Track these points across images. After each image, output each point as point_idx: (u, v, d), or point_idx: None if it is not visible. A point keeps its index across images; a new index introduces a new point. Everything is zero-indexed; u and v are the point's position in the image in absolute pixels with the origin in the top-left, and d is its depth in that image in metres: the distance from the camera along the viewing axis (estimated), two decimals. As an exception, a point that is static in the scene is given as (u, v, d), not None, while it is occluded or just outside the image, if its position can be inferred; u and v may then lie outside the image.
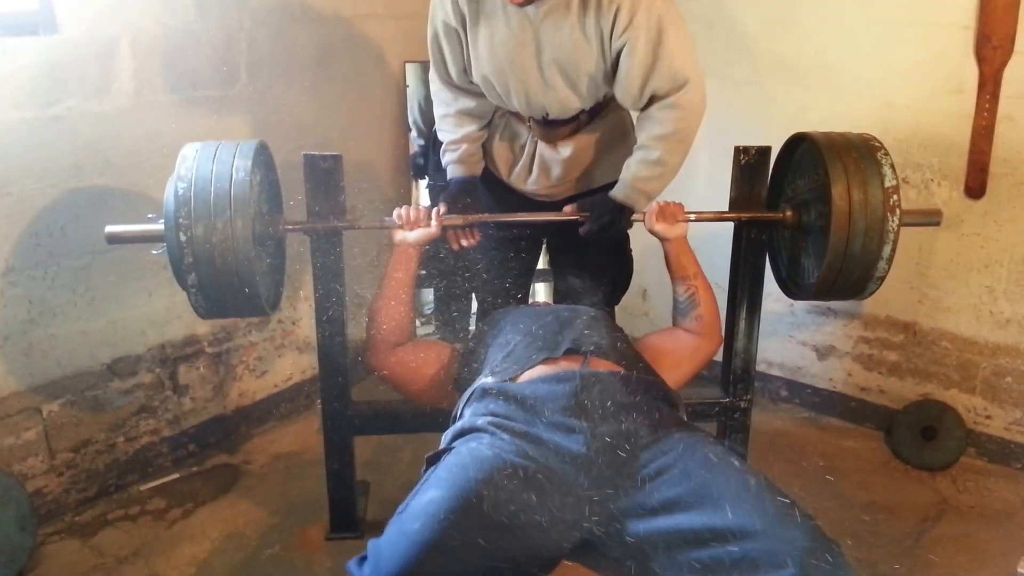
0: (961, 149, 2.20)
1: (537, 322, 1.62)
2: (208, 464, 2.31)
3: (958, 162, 2.22)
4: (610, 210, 1.84)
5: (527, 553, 1.20)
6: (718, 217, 1.92)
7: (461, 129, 1.93)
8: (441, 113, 1.96)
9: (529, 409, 1.36)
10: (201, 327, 2.30)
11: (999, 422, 2.32)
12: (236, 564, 1.90)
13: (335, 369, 1.88)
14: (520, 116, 1.91)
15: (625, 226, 1.88)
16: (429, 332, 3.02)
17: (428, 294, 3.09)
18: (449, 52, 1.83)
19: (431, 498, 1.18)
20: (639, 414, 1.36)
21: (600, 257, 2.10)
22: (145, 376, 2.19)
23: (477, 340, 1.74)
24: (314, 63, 2.45)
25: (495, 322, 1.74)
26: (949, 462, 2.31)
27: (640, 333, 1.94)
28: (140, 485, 2.19)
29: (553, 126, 1.89)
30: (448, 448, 1.35)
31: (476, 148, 1.97)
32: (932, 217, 1.89)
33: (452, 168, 1.97)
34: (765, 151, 1.89)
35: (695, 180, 2.28)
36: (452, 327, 2.87)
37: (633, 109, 1.86)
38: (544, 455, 1.29)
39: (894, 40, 2.24)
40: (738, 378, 2.00)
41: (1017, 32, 2.07)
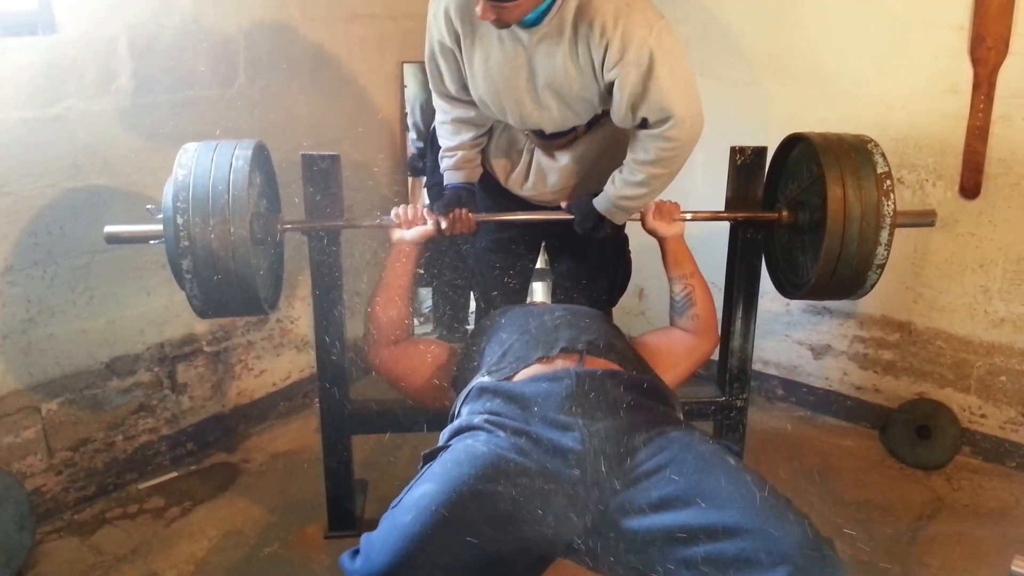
0: (956, 149, 2.21)
1: (534, 321, 1.63)
2: (206, 463, 2.32)
3: (953, 162, 2.23)
4: (591, 216, 1.87)
5: (520, 548, 1.21)
6: (714, 217, 1.92)
7: (458, 136, 1.93)
8: (439, 120, 1.96)
9: (525, 407, 1.37)
10: (199, 326, 2.30)
11: (993, 421, 2.33)
12: (234, 562, 1.91)
13: (333, 368, 1.88)
14: None
15: (608, 229, 1.89)
16: (427, 331, 3.03)
17: (427, 294, 3.10)
18: (446, 69, 1.83)
19: (424, 492, 1.19)
20: (635, 412, 1.37)
21: (598, 258, 2.11)
22: (144, 375, 2.20)
23: (474, 339, 1.75)
24: (312, 63, 2.45)
25: (493, 321, 1.75)
26: (944, 461, 2.32)
27: (637, 332, 1.95)
28: (139, 484, 2.20)
29: (550, 137, 1.89)
30: (445, 446, 1.36)
31: (474, 154, 1.97)
32: (927, 218, 1.90)
33: (449, 174, 1.97)
34: (761, 151, 1.90)
35: (692, 180, 2.29)
36: (450, 326, 2.88)
37: (626, 127, 1.85)
38: (540, 452, 1.29)
39: (889, 41, 2.25)
40: (734, 377, 2.01)
41: (1012, 33, 2.07)
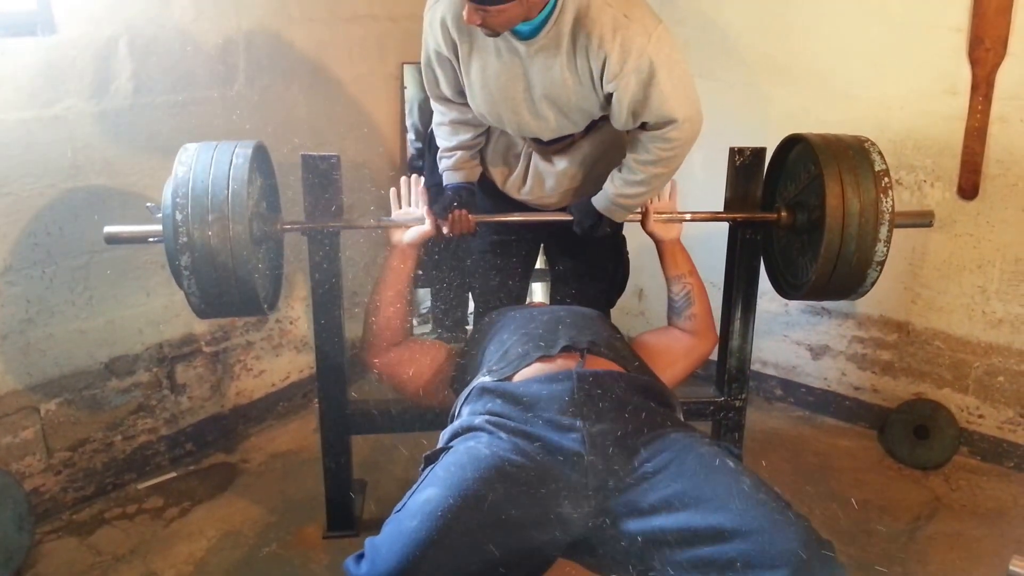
0: (954, 150, 2.22)
1: (534, 321, 1.63)
2: (205, 463, 2.32)
3: (951, 163, 2.24)
4: (590, 215, 1.88)
5: (524, 551, 1.21)
6: (713, 217, 1.93)
7: (456, 136, 1.93)
8: (436, 121, 1.96)
9: (526, 407, 1.37)
10: (199, 326, 2.30)
11: (991, 421, 2.33)
12: (233, 562, 1.91)
13: (332, 368, 1.88)
14: None
15: (607, 228, 1.90)
16: (425, 331, 3.03)
17: (426, 294, 3.10)
18: (443, 76, 1.83)
19: (428, 497, 1.19)
20: (635, 413, 1.37)
21: (597, 258, 2.11)
22: (143, 375, 2.20)
23: (474, 339, 1.75)
24: (312, 64, 2.45)
25: (492, 322, 1.75)
26: (942, 461, 2.32)
27: (636, 333, 1.96)
28: (137, 484, 2.20)
29: (548, 143, 1.89)
30: (446, 447, 1.36)
31: (472, 154, 1.97)
32: (925, 218, 1.90)
33: (448, 175, 1.97)
34: (760, 152, 1.90)
35: (691, 181, 2.29)
36: (449, 327, 2.88)
37: (624, 130, 1.85)
38: (541, 453, 1.30)
39: (888, 42, 2.26)
40: (733, 377, 2.01)
41: (1010, 34, 2.08)
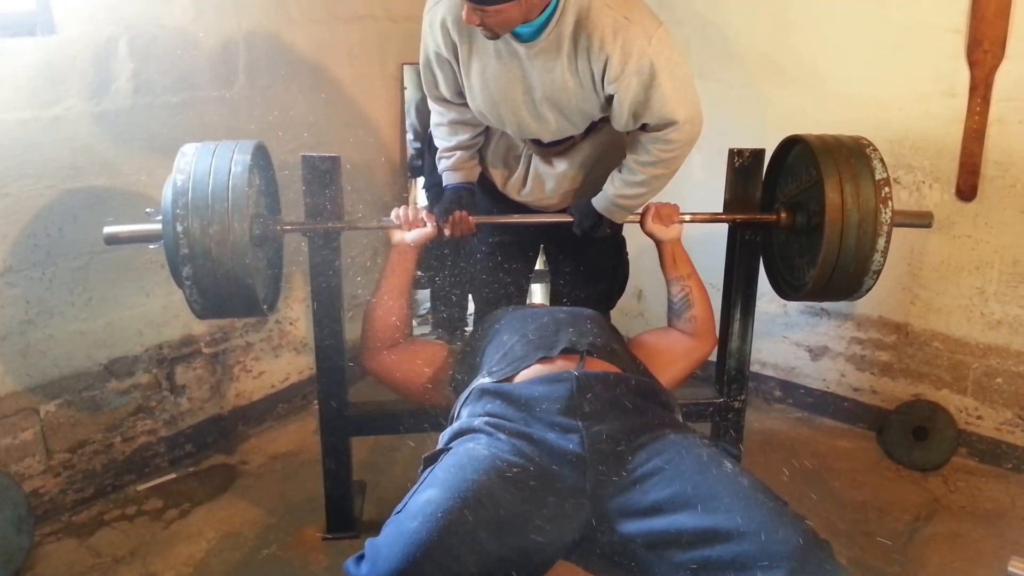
0: (952, 152, 2.22)
1: (534, 323, 1.63)
2: (205, 464, 2.32)
3: (949, 164, 2.24)
4: (591, 215, 1.89)
5: (523, 552, 1.21)
6: (712, 218, 1.93)
7: (455, 137, 1.93)
8: (435, 122, 1.96)
9: (526, 409, 1.38)
10: (198, 327, 2.30)
11: (990, 422, 2.34)
12: (233, 564, 1.91)
13: (332, 369, 1.88)
14: None
15: (607, 229, 1.91)
16: (425, 332, 3.03)
17: (426, 296, 3.10)
18: (442, 78, 1.83)
19: (429, 498, 1.19)
20: (634, 415, 1.37)
21: (597, 260, 2.11)
22: (142, 376, 2.20)
23: (474, 340, 1.75)
24: (312, 65, 2.45)
25: (492, 323, 1.75)
26: (940, 462, 2.32)
27: (635, 334, 1.95)
28: (137, 485, 2.20)
29: (548, 145, 1.90)
30: (445, 448, 1.36)
31: (471, 154, 1.97)
32: (923, 219, 1.90)
33: (448, 175, 1.97)
34: (759, 153, 1.91)
35: (690, 182, 2.30)
36: (448, 328, 2.88)
37: (624, 131, 1.85)
38: (540, 455, 1.30)
39: (886, 44, 2.26)
40: (732, 378, 2.02)
41: (1008, 36, 2.08)
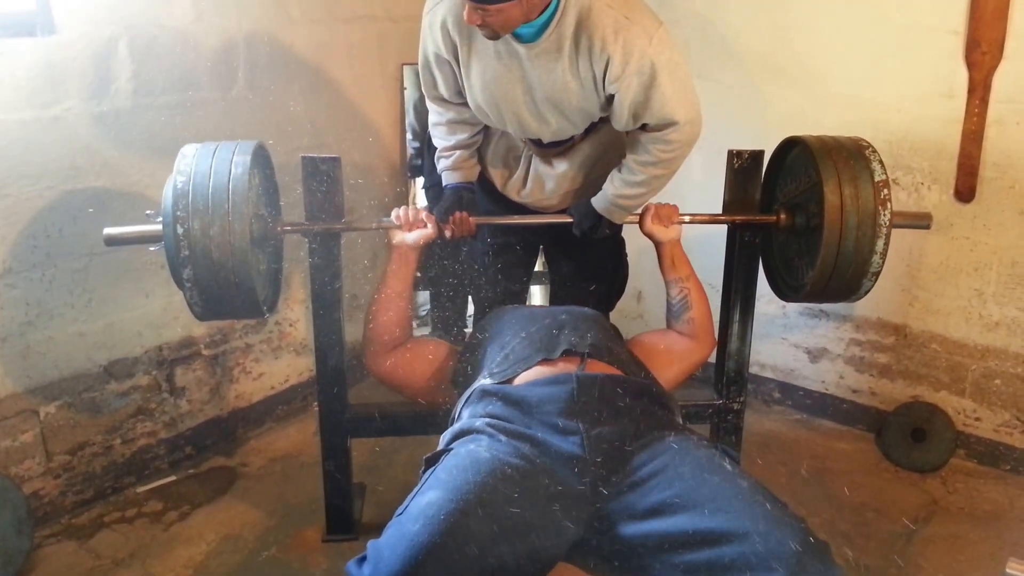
0: (951, 153, 2.23)
1: (535, 324, 1.63)
2: (205, 466, 2.32)
3: (948, 166, 2.25)
4: (590, 216, 1.89)
5: (524, 554, 1.21)
6: (712, 220, 1.93)
7: (454, 136, 1.93)
8: (433, 121, 1.96)
9: (526, 411, 1.38)
10: (198, 329, 2.30)
11: (988, 424, 2.34)
12: (233, 566, 1.90)
13: (332, 371, 1.88)
14: None
15: (607, 229, 1.91)
16: (425, 333, 3.03)
17: (426, 297, 3.10)
18: (441, 78, 1.83)
19: (430, 500, 1.19)
20: (634, 417, 1.38)
21: (596, 261, 2.12)
22: (142, 378, 2.19)
23: (475, 341, 1.75)
24: (312, 65, 2.45)
25: (492, 324, 1.75)
26: (939, 464, 2.33)
27: (634, 335, 1.96)
28: (137, 487, 2.20)
29: (548, 145, 1.90)
30: (446, 449, 1.36)
31: (470, 153, 1.97)
32: (922, 220, 1.91)
33: (447, 175, 1.97)
34: (758, 155, 1.91)
35: (689, 184, 2.30)
36: (448, 329, 2.88)
37: (624, 131, 1.85)
38: (541, 456, 1.30)
39: (885, 45, 2.27)
40: (731, 380, 2.02)
41: (1006, 38, 2.09)
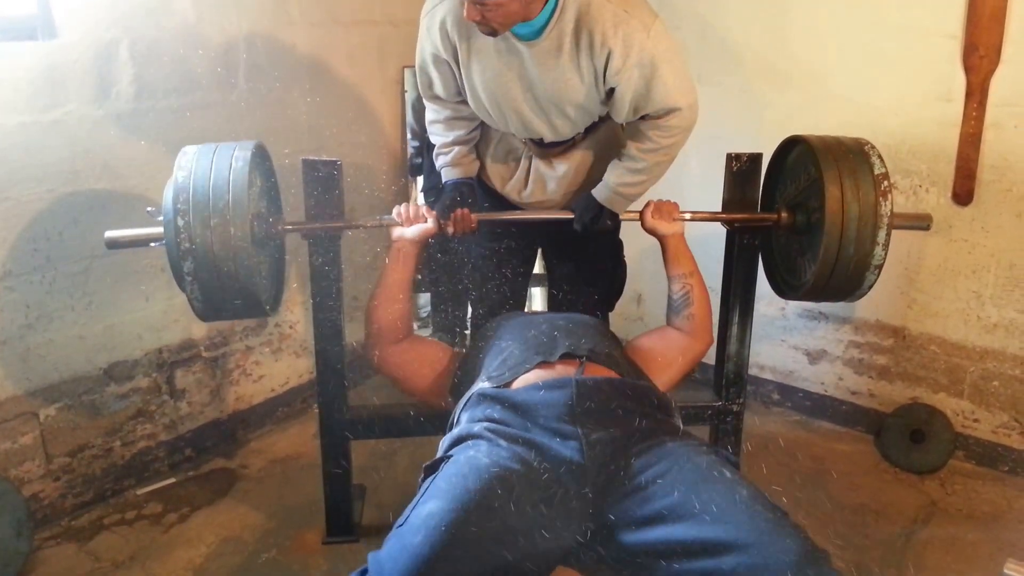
0: (949, 156, 2.23)
1: (533, 328, 1.64)
2: (205, 468, 2.32)
3: (946, 169, 2.25)
4: (592, 207, 1.90)
5: (524, 559, 1.21)
6: (713, 217, 1.93)
7: (452, 132, 1.94)
8: (430, 118, 1.96)
9: (525, 415, 1.38)
10: (198, 331, 2.30)
11: (986, 425, 2.35)
12: (233, 568, 1.90)
13: (332, 373, 1.88)
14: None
15: (608, 221, 1.91)
16: (425, 334, 3.03)
17: (425, 299, 3.11)
18: (439, 79, 1.84)
19: (431, 511, 1.18)
20: (633, 421, 1.38)
21: (594, 263, 2.12)
22: (142, 381, 2.20)
23: (474, 345, 1.75)
24: (312, 68, 2.46)
25: (491, 328, 1.75)
26: (937, 465, 2.33)
27: (631, 338, 1.96)
28: (137, 489, 2.20)
29: (548, 145, 1.91)
30: (445, 456, 1.36)
31: (469, 149, 1.98)
32: (922, 221, 1.90)
33: (446, 171, 1.97)
34: (757, 158, 1.91)
35: (688, 186, 2.31)
36: (448, 330, 2.88)
37: (623, 122, 1.88)
38: (540, 461, 1.30)
39: (883, 49, 2.27)
40: (731, 382, 2.02)
41: (1003, 42, 2.10)
